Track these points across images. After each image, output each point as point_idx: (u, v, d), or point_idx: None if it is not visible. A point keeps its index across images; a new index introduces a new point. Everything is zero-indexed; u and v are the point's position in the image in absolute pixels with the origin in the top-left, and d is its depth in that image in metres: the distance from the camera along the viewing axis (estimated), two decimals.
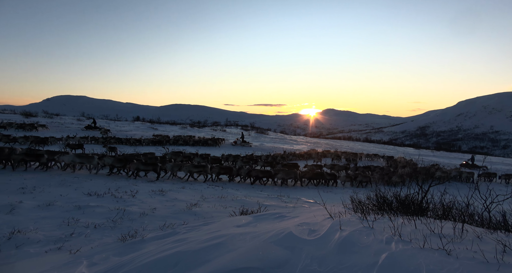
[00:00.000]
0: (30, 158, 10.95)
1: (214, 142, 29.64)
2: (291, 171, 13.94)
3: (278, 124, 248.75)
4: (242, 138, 33.72)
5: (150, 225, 5.44)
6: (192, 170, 12.46)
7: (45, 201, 6.55)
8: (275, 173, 13.57)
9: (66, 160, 11.35)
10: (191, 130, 49.01)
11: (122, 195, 7.64)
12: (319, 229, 3.43)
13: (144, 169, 11.64)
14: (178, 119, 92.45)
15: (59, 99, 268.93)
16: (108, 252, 3.82)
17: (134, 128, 41.49)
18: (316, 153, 28.44)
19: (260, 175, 13.36)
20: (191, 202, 7.56)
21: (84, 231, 4.88)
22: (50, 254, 3.90)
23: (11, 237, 4.34)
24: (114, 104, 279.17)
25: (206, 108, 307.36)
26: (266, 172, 13.60)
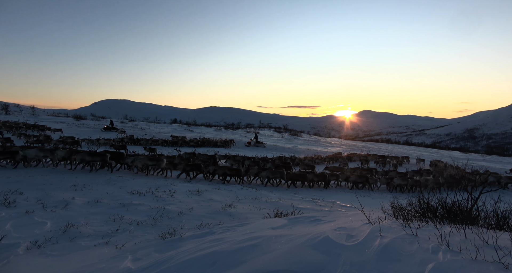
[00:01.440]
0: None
1: (224, 144, 29.94)
2: (277, 171, 13.67)
3: (312, 126, 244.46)
4: (256, 139, 33.81)
5: (188, 224, 5.63)
6: (148, 163, 12.30)
7: (93, 198, 7.08)
8: (258, 171, 13.43)
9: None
10: (225, 132, 49.98)
11: (162, 194, 8.00)
12: (357, 234, 3.32)
13: (91, 160, 11.67)
14: (212, 121, 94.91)
15: (105, 103, 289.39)
16: (150, 249, 4.01)
17: (172, 130, 43.29)
18: (341, 156, 27.36)
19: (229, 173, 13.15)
20: (226, 202, 7.71)
21: (128, 228, 5.18)
22: (98, 248, 4.19)
23: (65, 231, 4.74)
24: (153, 107, 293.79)
25: (239, 111, 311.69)
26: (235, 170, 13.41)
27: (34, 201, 6.39)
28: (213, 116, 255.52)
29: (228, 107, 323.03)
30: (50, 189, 7.73)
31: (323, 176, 14.29)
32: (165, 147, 25.10)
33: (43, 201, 6.36)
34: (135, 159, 12.34)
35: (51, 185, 8.24)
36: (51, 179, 8.98)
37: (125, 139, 25.08)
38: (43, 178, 9.10)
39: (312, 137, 58.44)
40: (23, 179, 8.67)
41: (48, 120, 37.29)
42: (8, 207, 5.82)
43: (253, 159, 18.67)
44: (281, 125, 78.86)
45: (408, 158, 29.63)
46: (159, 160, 12.46)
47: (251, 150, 29.13)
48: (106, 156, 11.77)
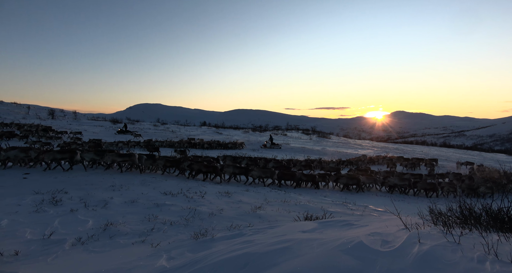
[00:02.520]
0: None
1: (234, 145, 30.02)
2: (267, 170, 13.34)
3: (341, 127, 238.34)
4: (271, 140, 33.53)
5: (219, 225, 5.73)
6: (116, 159, 12.15)
7: (130, 198, 7.43)
8: (251, 169, 13.14)
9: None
10: (253, 134, 50.26)
11: (193, 196, 8.21)
12: (393, 240, 3.19)
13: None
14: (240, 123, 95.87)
15: (139, 107, 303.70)
16: (183, 248, 4.14)
17: (201, 133, 44.33)
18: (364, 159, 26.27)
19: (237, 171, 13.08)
20: (255, 204, 7.74)
21: (162, 227, 5.38)
22: (135, 246, 4.40)
23: (105, 229, 5.03)
24: (184, 111, 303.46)
25: (267, 113, 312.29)
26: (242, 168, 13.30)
27: (78, 200, 6.85)
28: (241, 118, 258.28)
29: (256, 110, 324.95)
30: (91, 189, 8.24)
31: (312, 177, 13.99)
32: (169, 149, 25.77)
33: (85, 200, 6.79)
34: (104, 155, 12.21)
35: (92, 185, 8.78)
36: (91, 180, 9.56)
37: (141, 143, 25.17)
38: (84, 178, 9.72)
39: (342, 139, 57.03)
40: (68, 179, 9.32)
41: (88, 124, 39.82)
42: (55, 205, 6.29)
43: (252, 159, 18.76)
44: (309, 127, 77.73)
45: (436, 160, 27.79)
46: (130, 156, 12.32)
47: (266, 152, 28.99)
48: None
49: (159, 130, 41.19)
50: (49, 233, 4.64)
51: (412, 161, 26.15)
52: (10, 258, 3.69)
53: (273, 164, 17.27)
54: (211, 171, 12.57)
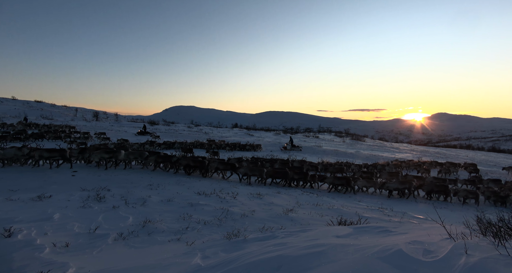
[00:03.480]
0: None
1: (252, 147, 29.84)
2: (255, 168, 13.11)
3: (376, 130, 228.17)
4: (291, 142, 32.91)
5: (251, 226, 5.77)
6: (104, 156, 12.42)
7: (166, 197, 7.75)
8: (239, 166, 13.14)
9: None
10: (284, 136, 50.02)
11: (225, 196, 8.36)
12: (436, 250, 3.00)
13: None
14: (271, 125, 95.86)
15: (174, 109, 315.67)
16: (217, 248, 4.22)
17: (233, 134, 45.01)
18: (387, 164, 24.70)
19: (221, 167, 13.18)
20: (287, 207, 7.69)
21: (196, 226, 5.54)
22: (171, 244, 4.57)
23: (144, 226, 5.29)
24: (216, 113, 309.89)
25: (298, 115, 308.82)
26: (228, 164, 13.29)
27: (119, 197, 7.27)
28: (272, 120, 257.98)
29: (287, 112, 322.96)
30: (131, 187, 8.71)
31: (304, 175, 13.48)
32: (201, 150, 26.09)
33: (126, 198, 7.20)
34: (91, 154, 12.60)
35: (132, 183, 9.28)
36: (131, 178, 10.11)
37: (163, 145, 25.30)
38: (125, 177, 10.30)
39: (377, 142, 54.77)
40: (110, 178, 9.94)
41: (128, 125, 42.22)
42: (99, 201, 6.74)
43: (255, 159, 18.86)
44: (342, 129, 75.80)
45: (475, 165, 25.33)
46: (116, 152, 12.68)
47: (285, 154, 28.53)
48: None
49: (192, 132, 42.53)
50: (94, 228, 4.98)
51: (446, 165, 24.25)
52: (62, 249, 4.02)
53: (278, 165, 17.37)
54: (197, 166, 13.12)
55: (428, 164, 25.39)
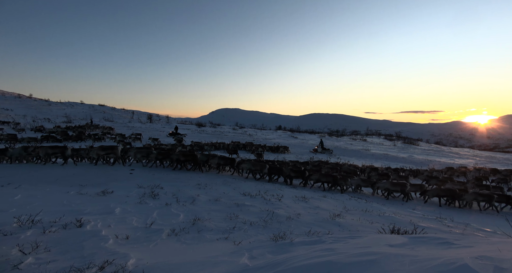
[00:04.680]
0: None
1: (285, 150, 29.15)
2: (257, 164, 13.13)
3: (432, 133, 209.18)
4: (321, 145, 31.35)
5: (296, 229, 5.71)
6: (100, 153, 12.72)
7: (213, 196, 8.03)
8: (219, 162, 13.37)
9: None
10: (329, 138, 48.71)
11: (270, 198, 8.39)
12: (510, 268, 2.66)
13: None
14: (316, 128, 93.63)
15: (220, 111, 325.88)
16: (264, 249, 4.26)
17: (277, 136, 45.05)
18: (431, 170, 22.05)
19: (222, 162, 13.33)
20: (334, 212, 7.47)
21: (242, 227, 5.64)
22: (219, 242, 4.72)
23: (194, 223, 5.54)
24: (260, 115, 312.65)
25: (344, 117, 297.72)
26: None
27: (171, 195, 7.72)
28: (317, 122, 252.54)
29: (332, 114, 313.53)
30: (181, 185, 9.19)
31: (302, 172, 12.92)
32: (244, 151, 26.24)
33: (177, 196, 7.62)
34: (90, 150, 12.93)
35: (182, 182, 9.79)
36: (181, 177, 10.68)
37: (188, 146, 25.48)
38: (175, 176, 10.91)
39: (433, 146, 50.53)
40: (163, 176, 10.61)
41: (178, 127, 44.69)
42: (154, 198, 7.23)
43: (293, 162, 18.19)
44: (393, 132, 71.25)
45: None
46: (113, 149, 12.93)
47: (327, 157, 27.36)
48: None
49: (237, 134, 43.49)
50: (150, 223, 5.35)
51: (504, 173, 21.21)
52: (123, 241, 4.39)
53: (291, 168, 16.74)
54: (189, 159, 13.37)
55: (484, 171, 22.53)
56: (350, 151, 33.03)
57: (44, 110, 46.24)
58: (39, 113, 43.02)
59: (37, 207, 5.69)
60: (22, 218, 4.90)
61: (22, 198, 6.37)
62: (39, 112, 44.28)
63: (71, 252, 3.81)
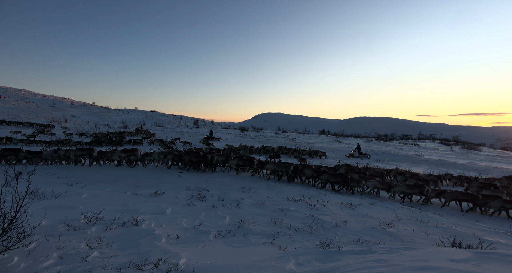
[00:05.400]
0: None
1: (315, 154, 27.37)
2: (282, 164, 12.94)
3: (498, 138, 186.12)
4: (358, 149, 29.49)
5: (344, 237, 5.50)
6: (122, 155, 13.53)
7: (257, 200, 8.09)
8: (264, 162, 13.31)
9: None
10: (376, 143, 46.26)
11: (315, 204, 8.21)
12: None
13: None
14: (362, 132, 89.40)
15: (262, 116, 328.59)
16: (310, 256, 4.17)
17: (320, 141, 44.04)
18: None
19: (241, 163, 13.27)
20: (384, 220, 7.05)
21: (287, 232, 5.59)
22: (265, 246, 4.72)
23: (239, 226, 5.63)
24: (303, 119, 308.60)
25: (393, 120, 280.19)
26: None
27: (217, 198, 7.96)
28: (362, 126, 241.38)
29: (379, 117, 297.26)
30: (226, 189, 9.42)
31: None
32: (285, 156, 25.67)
33: (223, 199, 7.83)
34: (112, 153, 13.76)
35: (227, 186, 10.03)
36: (226, 181, 10.95)
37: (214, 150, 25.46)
38: (221, 179, 11.22)
39: (499, 152, 45.17)
40: (209, 179, 10.98)
41: (222, 132, 46.06)
42: (201, 200, 7.51)
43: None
44: (450, 136, 65.26)
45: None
46: (134, 151, 13.70)
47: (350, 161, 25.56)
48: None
49: (280, 138, 43.42)
50: (198, 224, 5.56)
51: None
52: (174, 241, 4.63)
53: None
54: (201, 161, 13.44)
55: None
56: (400, 156, 30.97)
57: (104, 116, 51.04)
58: (100, 119, 47.59)
59: (100, 206, 6.27)
60: (88, 215, 5.43)
61: (87, 197, 7.07)
62: (100, 118, 48.99)
63: (130, 249, 4.12)
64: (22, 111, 44.06)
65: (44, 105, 53.43)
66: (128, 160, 13.82)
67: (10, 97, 54.99)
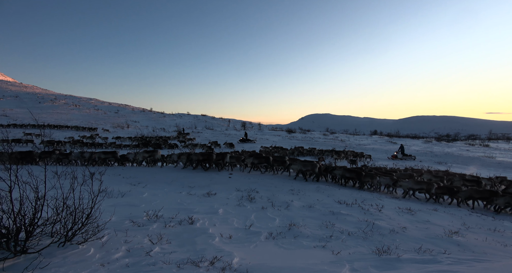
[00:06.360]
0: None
1: (361, 155, 25.26)
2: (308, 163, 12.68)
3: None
4: (401, 150, 26.94)
5: (403, 244, 5.13)
6: (145, 155, 14.72)
7: (307, 203, 7.96)
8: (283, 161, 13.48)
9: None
10: (437, 144, 42.40)
11: (369, 208, 7.80)
12: None
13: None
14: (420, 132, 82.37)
15: (310, 117, 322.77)
16: (366, 262, 3.97)
17: (372, 142, 41.81)
18: None
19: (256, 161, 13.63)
20: (449, 228, 6.42)
21: (340, 236, 5.40)
22: (317, 250, 4.62)
23: (290, 228, 5.60)
24: (352, 119, 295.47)
25: (456, 119, 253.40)
26: None
27: (266, 199, 8.03)
28: (421, 126, 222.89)
29: (440, 116, 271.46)
30: (275, 190, 9.45)
31: (358, 173, 11.94)
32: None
33: (272, 200, 7.87)
34: (136, 153, 14.82)
35: (276, 187, 10.06)
36: (275, 183, 10.98)
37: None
38: (270, 181, 11.29)
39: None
40: (258, 181, 11.13)
41: (269, 134, 46.41)
42: (251, 201, 7.65)
43: None
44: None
45: None
46: (153, 152, 14.90)
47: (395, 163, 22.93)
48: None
49: (328, 139, 42.26)
50: (249, 225, 5.67)
51: None
52: (227, 240, 4.78)
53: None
54: (206, 159, 13.83)
55: None
56: (465, 158, 27.99)
57: (160, 121, 55.00)
58: (157, 124, 51.37)
59: (159, 204, 6.76)
60: (149, 212, 5.89)
61: (148, 196, 7.67)
62: (157, 122, 52.90)
63: (187, 246, 4.36)
64: (93, 117, 49.61)
65: (110, 111, 59.58)
66: (150, 160, 14.95)
67: (83, 105, 62.48)
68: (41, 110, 50.12)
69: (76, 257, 3.81)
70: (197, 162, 14.01)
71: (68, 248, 4.01)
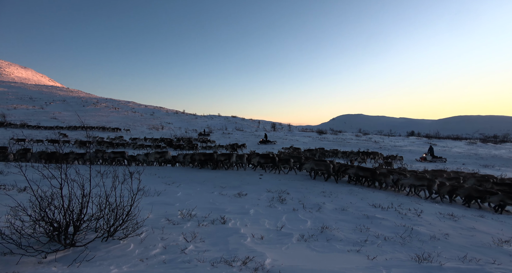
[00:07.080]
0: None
1: (393, 158, 23.90)
2: (321, 162, 12.86)
3: None
4: (431, 152, 25.20)
5: (445, 252, 4.81)
6: (156, 156, 15.27)
7: (340, 205, 7.76)
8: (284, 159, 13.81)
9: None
10: (482, 146, 39.33)
11: (406, 212, 7.42)
12: None
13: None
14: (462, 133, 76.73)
15: (341, 118, 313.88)
16: (405, 269, 3.79)
17: (409, 143, 39.79)
18: None
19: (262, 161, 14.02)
20: (498, 236, 5.92)
21: (375, 241, 5.20)
22: (351, 254, 4.48)
23: (322, 231, 5.49)
24: (387, 120, 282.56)
25: (505, 119, 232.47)
26: None
27: (297, 201, 7.94)
28: (463, 127, 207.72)
29: (486, 115, 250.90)
30: (306, 192, 9.32)
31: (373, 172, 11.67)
32: None
33: (303, 202, 7.77)
34: (147, 154, 15.38)
35: (306, 189, 9.92)
36: (306, 184, 10.84)
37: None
38: (301, 182, 11.17)
39: None
40: (288, 182, 11.06)
41: (299, 135, 45.93)
42: (281, 203, 7.61)
43: None
44: None
45: None
46: (164, 153, 15.42)
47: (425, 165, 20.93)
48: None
49: (361, 141, 40.87)
50: (280, 226, 5.64)
51: None
52: (258, 241, 4.80)
53: None
54: (207, 159, 14.54)
55: None
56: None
57: (192, 122, 56.73)
58: (189, 125, 53.07)
59: (193, 203, 6.96)
60: (183, 211, 6.09)
61: (182, 195, 7.93)
62: (189, 124, 54.64)
63: (220, 245, 4.45)
64: (130, 119, 52.40)
65: (146, 114, 62.58)
66: (161, 161, 15.48)
67: (122, 108, 66.19)
68: (85, 113, 53.87)
69: (118, 251, 4.04)
70: (199, 162, 14.61)
71: (110, 242, 4.27)
